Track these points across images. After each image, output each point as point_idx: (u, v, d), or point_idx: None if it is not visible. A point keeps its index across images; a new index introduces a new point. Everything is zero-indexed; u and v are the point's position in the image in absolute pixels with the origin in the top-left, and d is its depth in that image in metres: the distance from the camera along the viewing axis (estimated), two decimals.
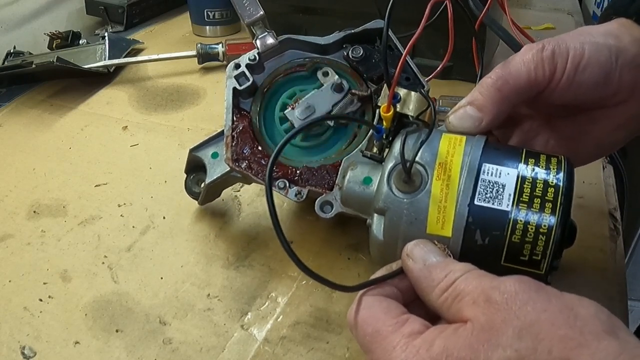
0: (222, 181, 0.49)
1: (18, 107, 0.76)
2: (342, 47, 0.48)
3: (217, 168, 0.49)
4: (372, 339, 0.31)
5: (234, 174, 0.47)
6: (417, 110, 0.40)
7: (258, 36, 0.48)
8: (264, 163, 0.45)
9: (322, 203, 0.43)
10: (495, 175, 0.34)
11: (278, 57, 0.49)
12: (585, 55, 0.37)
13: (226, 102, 0.47)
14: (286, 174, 0.44)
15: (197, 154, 0.50)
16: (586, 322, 0.26)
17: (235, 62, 0.47)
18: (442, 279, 0.31)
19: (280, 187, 0.44)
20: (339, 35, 0.48)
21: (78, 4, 1.02)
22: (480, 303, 0.28)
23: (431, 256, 0.33)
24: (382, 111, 0.39)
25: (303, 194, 0.44)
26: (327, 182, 0.44)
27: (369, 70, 0.47)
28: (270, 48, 0.48)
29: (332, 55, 0.48)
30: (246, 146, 0.46)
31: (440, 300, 0.31)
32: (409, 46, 0.39)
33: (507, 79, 0.37)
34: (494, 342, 0.27)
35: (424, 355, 0.28)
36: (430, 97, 0.42)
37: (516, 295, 0.28)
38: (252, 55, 0.47)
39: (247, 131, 0.46)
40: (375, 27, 0.47)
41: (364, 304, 0.32)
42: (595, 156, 0.43)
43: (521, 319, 0.27)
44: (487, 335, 0.27)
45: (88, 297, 0.47)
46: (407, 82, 0.45)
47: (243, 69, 0.47)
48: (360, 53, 0.47)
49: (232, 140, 0.46)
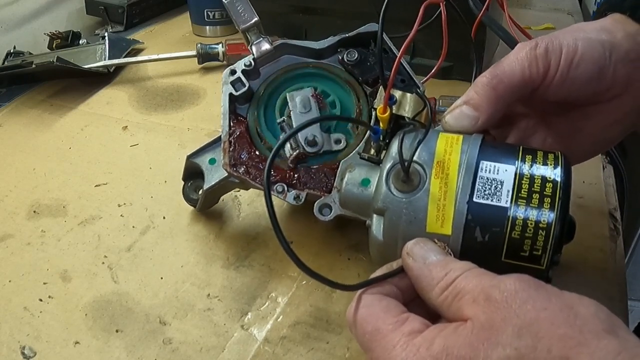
0: (220, 187, 0.49)
1: (18, 107, 0.76)
2: (337, 51, 0.48)
3: (215, 174, 0.49)
4: (372, 337, 0.31)
5: (232, 179, 0.47)
6: (414, 112, 0.41)
7: (253, 42, 0.48)
8: (261, 167, 0.45)
9: (321, 206, 0.43)
10: (493, 172, 0.34)
11: (274, 62, 0.49)
12: (579, 51, 0.37)
13: (222, 108, 0.47)
14: (284, 177, 0.44)
15: (195, 160, 0.50)
16: (586, 321, 0.26)
17: (231, 68, 0.47)
18: (442, 277, 0.31)
19: (279, 190, 0.44)
20: (334, 40, 0.48)
21: (78, 4, 1.02)
22: (480, 301, 0.28)
23: (431, 254, 0.33)
24: (378, 113, 0.40)
25: (302, 198, 0.44)
26: (325, 185, 0.44)
27: (364, 74, 0.47)
28: (265, 54, 0.48)
29: (327, 60, 0.49)
30: (243, 151, 0.46)
31: (440, 299, 0.31)
32: (402, 49, 0.39)
33: (502, 78, 0.37)
34: (493, 341, 0.27)
35: (424, 354, 0.28)
36: (429, 98, 0.42)
37: (516, 293, 0.28)
38: (247, 61, 0.47)
39: (244, 136, 0.46)
40: (369, 30, 0.47)
41: (364, 302, 0.32)
42: (591, 153, 0.43)
43: (521, 318, 0.27)
44: (486, 334, 0.27)
45: (88, 297, 0.47)
46: (403, 84, 0.45)
47: (239, 75, 0.47)
48: (355, 57, 0.47)
49: (230, 145, 0.46)
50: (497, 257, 0.34)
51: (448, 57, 0.76)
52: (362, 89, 0.47)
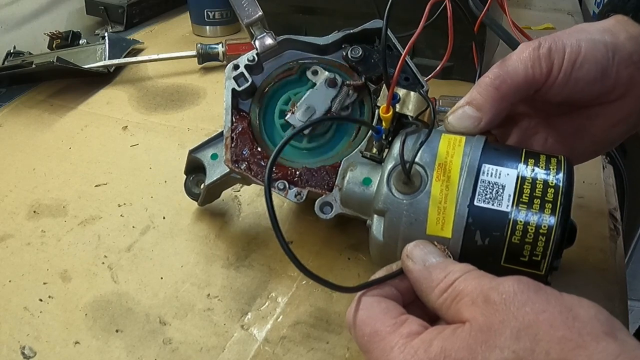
0: (222, 182, 0.49)
1: (18, 107, 0.76)
2: (341, 47, 0.48)
3: (217, 169, 0.49)
4: (370, 339, 0.31)
5: (233, 175, 0.47)
6: (417, 111, 0.40)
7: (257, 37, 0.48)
8: (263, 164, 0.45)
9: (322, 204, 0.43)
10: (495, 176, 0.34)
11: (277, 57, 0.48)
12: (582, 52, 0.37)
13: (225, 103, 0.46)
14: (285, 175, 0.44)
15: (197, 155, 0.50)
16: (585, 323, 0.26)
17: (234, 63, 0.47)
18: (442, 279, 0.31)
19: (280, 188, 0.44)
20: (338, 36, 0.48)
21: (78, 4, 1.02)
22: (479, 303, 0.28)
23: (431, 257, 0.33)
24: (381, 112, 0.39)
25: (303, 195, 0.44)
26: (326, 183, 0.44)
27: (369, 71, 0.47)
28: (269, 49, 0.47)
29: (331, 56, 0.48)
30: (245, 147, 0.46)
31: (439, 301, 0.31)
32: (408, 46, 0.39)
33: (505, 78, 0.37)
34: (491, 344, 0.27)
35: (421, 356, 0.28)
36: (430, 98, 0.42)
37: (515, 295, 0.28)
38: (250, 56, 0.47)
39: (247, 132, 0.46)
40: (374, 27, 0.47)
41: (363, 304, 0.32)
42: (593, 153, 0.43)
43: (519, 320, 0.27)
44: (485, 336, 0.27)
45: (88, 297, 0.47)
46: (407, 82, 0.45)
47: (242, 70, 0.47)
48: (359, 53, 0.47)
49: (232, 141, 0.46)
50: (496, 261, 0.34)
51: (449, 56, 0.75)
52: (366, 86, 0.47)
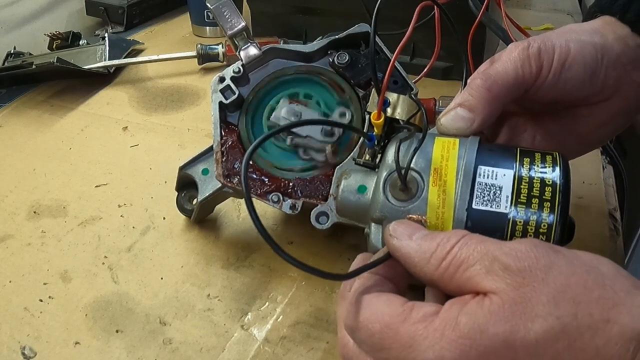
0: (215, 197, 0.48)
1: (18, 108, 0.76)
2: (327, 53, 0.47)
3: (209, 184, 0.48)
4: (383, 335, 0.28)
5: (226, 189, 0.46)
6: (407, 114, 0.40)
7: (241, 48, 0.47)
8: (255, 177, 0.44)
9: (318, 214, 0.42)
10: (491, 178, 0.34)
11: (263, 67, 0.48)
12: (571, 53, 0.37)
13: (213, 117, 0.45)
14: (279, 187, 0.44)
15: (187, 171, 0.49)
16: (613, 280, 0.26)
17: (220, 75, 0.46)
18: (435, 247, 0.29)
19: (274, 200, 0.43)
20: (323, 42, 0.47)
21: (78, 4, 1.02)
22: (498, 272, 0.27)
23: (416, 231, 0.31)
24: (372, 118, 0.39)
25: (298, 207, 0.43)
26: (321, 193, 0.43)
27: (356, 76, 0.46)
28: (254, 59, 0.47)
29: (317, 63, 0.47)
30: (236, 161, 0.45)
31: (439, 271, 0.29)
32: (397, 52, 0.38)
33: (496, 79, 0.37)
34: (530, 313, 0.25)
35: (451, 336, 0.26)
36: (429, 98, 0.42)
37: (537, 260, 0.27)
38: (236, 68, 0.46)
39: (237, 146, 0.45)
40: (360, 31, 0.46)
41: (363, 303, 0.30)
42: (580, 152, 0.43)
43: (551, 286, 0.26)
44: (521, 307, 0.26)
45: (88, 297, 0.47)
46: (396, 85, 0.44)
47: (228, 82, 0.46)
48: (346, 59, 0.46)
49: (222, 156, 0.45)
50: None
51: (448, 57, 0.76)
52: (355, 92, 0.46)
